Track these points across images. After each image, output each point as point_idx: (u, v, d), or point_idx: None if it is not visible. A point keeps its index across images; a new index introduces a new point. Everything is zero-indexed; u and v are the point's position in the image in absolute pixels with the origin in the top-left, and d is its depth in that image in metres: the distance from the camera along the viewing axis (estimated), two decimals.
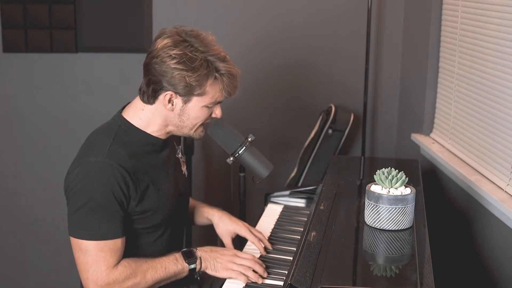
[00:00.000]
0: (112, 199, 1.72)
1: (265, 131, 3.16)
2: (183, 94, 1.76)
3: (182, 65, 1.72)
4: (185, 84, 1.73)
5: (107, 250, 1.73)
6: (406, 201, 1.74)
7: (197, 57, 1.73)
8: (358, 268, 1.65)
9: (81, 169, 1.73)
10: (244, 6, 3.05)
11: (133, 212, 1.79)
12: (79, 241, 1.73)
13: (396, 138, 3.26)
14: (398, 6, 3.09)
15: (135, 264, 1.78)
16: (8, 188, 3.16)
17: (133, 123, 1.83)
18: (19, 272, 3.24)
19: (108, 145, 1.76)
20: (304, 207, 2.43)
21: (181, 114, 1.81)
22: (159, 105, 1.80)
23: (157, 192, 1.84)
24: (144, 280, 1.78)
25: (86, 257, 1.73)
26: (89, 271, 1.73)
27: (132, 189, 1.76)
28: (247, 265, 1.88)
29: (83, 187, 1.71)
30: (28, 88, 3.06)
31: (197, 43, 1.75)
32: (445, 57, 2.71)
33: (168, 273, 1.82)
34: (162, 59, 1.73)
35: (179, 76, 1.72)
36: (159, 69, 1.73)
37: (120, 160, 1.74)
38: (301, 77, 3.15)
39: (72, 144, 2.30)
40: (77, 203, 1.72)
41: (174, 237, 1.97)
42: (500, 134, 2.23)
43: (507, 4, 2.16)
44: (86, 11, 2.96)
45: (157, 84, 1.76)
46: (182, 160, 2.04)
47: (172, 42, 1.73)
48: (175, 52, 1.72)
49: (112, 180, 1.72)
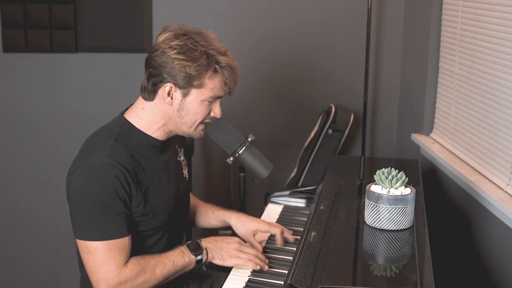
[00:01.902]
0: (116, 198, 1.72)
1: (265, 131, 3.16)
2: (182, 86, 1.76)
3: (183, 55, 1.73)
4: (185, 74, 1.74)
5: (116, 249, 1.73)
6: (406, 201, 1.74)
7: (197, 48, 1.74)
8: (358, 268, 1.65)
9: (83, 170, 1.72)
10: (244, 6, 3.05)
11: (134, 212, 1.79)
12: (87, 243, 1.73)
13: (396, 138, 3.26)
14: (398, 6, 3.09)
15: (143, 261, 1.79)
16: (8, 188, 3.16)
17: (134, 124, 1.83)
18: (19, 272, 3.24)
19: (110, 146, 1.75)
20: (304, 207, 2.43)
21: (180, 109, 1.80)
22: (159, 100, 1.80)
23: (157, 195, 1.84)
24: (154, 276, 1.79)
25: (96, 258, 1.72)
26: (100, 272, 1.72)
27: (133, 190, 1.76)
28: (252, 253, 1.92)
29: (86, 189, 1.71)
30: (28, 88, 3.06)
31: (198, 38, 1.77)
32: (445, 57, 2.71)
33: (177, 267, 1.83)
34: (163, 50, 1.74)
35: (179, 66, 1.73)
36: (159, 61, 1.75)
37: (121, 160, 1.74)
38: (301, 77, 3.15)
39: (72, 144, 2.30)
40: (82, 205, 1.72)
41: (173, 240, 1.96)
42: (500, 134, 2.23)
43: (507, 4, 2.16)
44: (86, 11, 2.96)
45: (157, 77, 1.76)
46: (184, 163, 2.03)
47: (173, 34, 1.76)
48: (176, 43, 1.73)
49: (115, 179, 1.71)
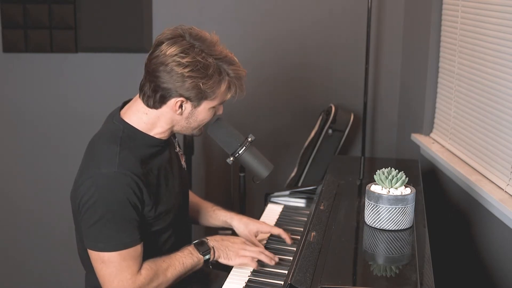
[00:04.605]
0: (128, 207, 1.71)
1: (265, 131, 3.15)
2: (195, 100, 1.75)
3: (196, 73, 1.70)
4: (198, 91, 1.72)
5: (130, 258, 1.73)
6: (406, 201, 1.74)
7: (210, 63, 1.71)
8: (358, 268, 1.65)
9: (93, 181, 1.70)
10: (244, 7, 3.05)
11: (147, 216, 1.79)
12: (101, 254, 1.72)
13: (396, 138, 3.26)
14: (398, 6, 3.09)
15: (155, 265, 1.79)
16: (8, 188, 3.16)
17: (136, 126, 1.80)
18: (19, 272, 3.24)
19: (117, 153, 1.73)
20: (304, 207, 2.43)
21: (189, 117, 1.80)
22: (167, 109, 1.77)
23: (166, 193, 1.84)
24: (166, 279, 1.80)
25: (110, 268, 1.72)
26: (114, 281, 1.73)
27: (145, 195, 1.75)
28: (257, 251, 1.94)
29: (98, 200, 1.69)
30: (28, 88, 3.06)
31: (203, 46, 1.73)
32: (445, 57, 2.71)
33: (186, 268, 1.84)
34: (172, 67, 1.69)
35: (193, 84, 1.70)
36: (168, 77, 1.70)
37: (131, 167, 1.72)
38: (301, 77, 3.15)
39: (72, 144, 2.31)
40: (94, 217, 1.70)
41: (181, 234, 1.97)
42: (500, 134, 2.23)
43: (507, 4, 2.16)
44: (86, 11, 2.96)
45: (166, 91, 1.73)
46: (180, 153, 2.03)
47: (180, 49, 1.70)
48: (187, 60, 1.69)
49: (127, 188, 1.70)
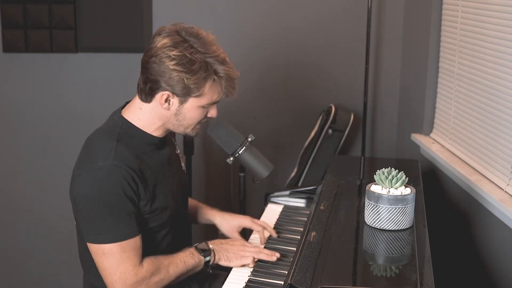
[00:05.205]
0: (125, 199, 1.72)
1: (265, 131, 3.15)
2: (180, 95, 1.76)
3: (181, 67, 1.71)
4: (183, 85, 1.73)
5: (130, 249, 1.74)
6: (406, 201, 1.74)
7: (196, 59, 1.72)
8: (358, 268, 1.65)
9: (89, 174, 1.72)
10: (244, 6, 3.05)
11: (143, 211, 1.80)
12: (101, 246, 1.73)
13: (396, 138, 3.26)
14: (398, 6, 3.09)
15: (157, 261, 1.80)
16: (8, 188, 3.16)
17: (133, 123, 1.83)
18: (19, 272, 3.24)
19: (113, 147, 1.75)
20: (304, 207, 2.43)
21: (177, 114, 1.81)
22: (156, 103, 1.79)
23: (163, 191, 1.85)
24: (167, 275, 1.81)
25: (111, 260, 1.73)
26: (116, 273, 1.73)
27: (141, 189, 1.76)
28: (256, 250, 1.95)
29: (95, 194, 1.71)
30: (28, 88, 3.06)
31: (196, 44, 1.74)
32: (445, 57, 2.71)
33: (188, 267, 1.85)
34: (161, 59, 1.72)
35: (178, 78, 1.72)
36: (157, 69, 1.73)
37: (127, 161, 1.74)
38: (301, 77, 3.15)
39: (72, 144, 2.31)
40: (91, 210, 1.72)
41: (178, 233, 1.98)
42: (500, 134, 2.23)
43: (507, 4, 2.16)
44: (86, 11, 2.96)
45: (154, 83, 1.75)
46: (181, 155, 2.05)
47: (171, 42, 1.72)
48: (175, 53, 1.71)
49: (122, 180, 1.71)
